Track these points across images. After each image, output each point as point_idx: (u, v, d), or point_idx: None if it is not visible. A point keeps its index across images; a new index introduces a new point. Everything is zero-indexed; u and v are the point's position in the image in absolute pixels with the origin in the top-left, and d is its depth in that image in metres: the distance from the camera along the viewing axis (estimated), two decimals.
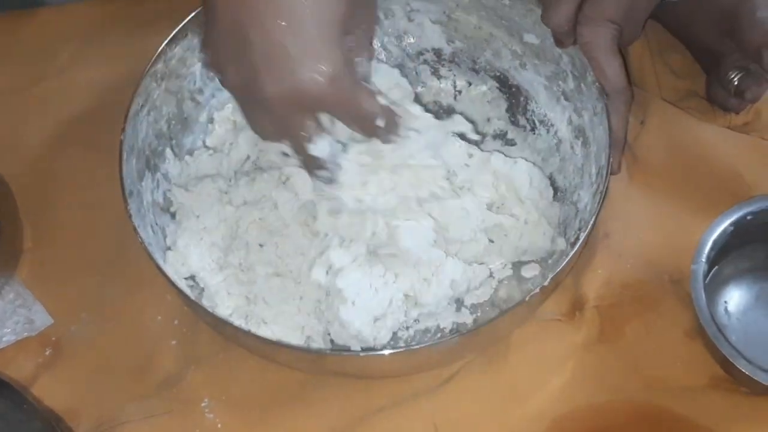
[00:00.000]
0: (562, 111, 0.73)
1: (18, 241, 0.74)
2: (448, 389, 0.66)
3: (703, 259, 0.64)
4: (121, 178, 0.65)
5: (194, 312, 0.64)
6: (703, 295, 0.63)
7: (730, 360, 0.61)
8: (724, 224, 0.65)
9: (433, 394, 0.66)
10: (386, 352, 0.60)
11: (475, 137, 0.70)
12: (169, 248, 0.69)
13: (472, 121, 0.71)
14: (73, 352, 0.70)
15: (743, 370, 0.61)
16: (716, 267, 0.68)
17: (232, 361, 0.68)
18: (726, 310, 0.68)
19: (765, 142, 0.73)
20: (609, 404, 0.65)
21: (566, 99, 0.72)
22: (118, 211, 0.65)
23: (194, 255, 0.69)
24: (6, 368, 0.69)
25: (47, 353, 0.70)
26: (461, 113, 0.74)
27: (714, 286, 0.68)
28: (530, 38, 0.72)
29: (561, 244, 0.68)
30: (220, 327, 0.63)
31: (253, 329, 0.66)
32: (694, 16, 0.75)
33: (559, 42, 0.69)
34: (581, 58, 0.68)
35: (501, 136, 0.76)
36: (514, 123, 0.76)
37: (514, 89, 0.76)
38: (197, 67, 0.72)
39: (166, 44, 0.69)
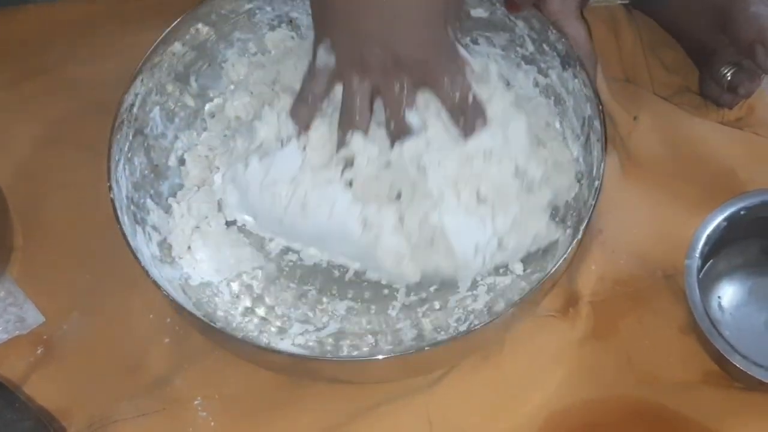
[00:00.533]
0: (525, 75, 0.73)
1: (8, 238, 0.73)
2: (442, 385, 0.66)
3: (697, 255, 0.64)
4: (124, 234, 0.64)
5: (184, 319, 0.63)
6: (697, 291, 0.63)
7: (725, 355, 0.61)
8: (718, 219, 0.65)
9: (427, 390, 0.66)
10: (380, 357, 0.60)
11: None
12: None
13: None
14: (65, 350, 0.70)
15: (737, 365, 0.61)
16: (710, 262, 0.68)
17: (225, 360, 0.67)
18: (720, 305, 0.68)
19: (758, 138, 0.74)
20: (603, 400, 0.65)
21: (527, 63, 0.72)
22: (108, 211, 0.64)
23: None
24: None
25: (39, 352, 0.70)
26: None
27: (707, 282, 0.68)
28: (478, 13, 0.72)
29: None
30: (208, 333, 0.63)
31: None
32: (686, 12, 0.75)
33: (515, 8, 0.70)
34: (539, 18, 0.69)
35: None
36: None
37: None
38: (156, 111, 0.71)
39: (126, 93, 0.68)
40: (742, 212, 0.65)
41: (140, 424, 0.66)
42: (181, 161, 0.73)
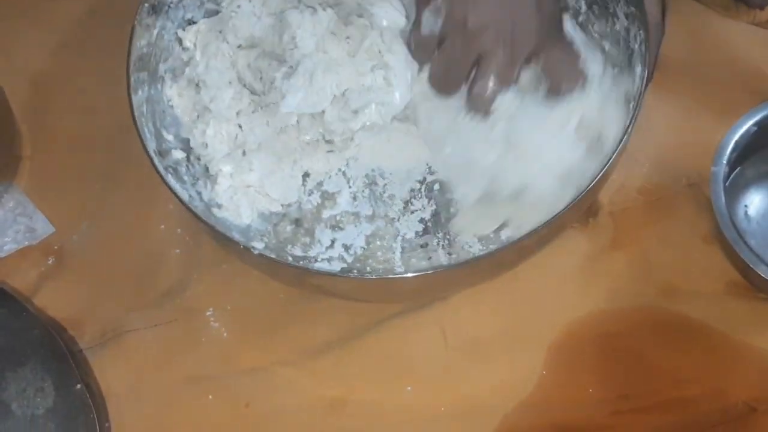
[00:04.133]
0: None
1: (15, 147, 0.72)
2: (456, 298, 0.65)
3: (724, 161, 0.61)
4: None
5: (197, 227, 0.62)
6: (723, 199, 0.60)
7: (750, 265, 0.60)
8: (747, 124, 0.63)
9: (441, 303, 0.65)
10: (409, 274, 0.58)
11: None
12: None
13: None
14: (76, 261, 0.69)
15: (763, 276, 0.59)
16: (737, 169, 0.66)
17: (236, 271, 0.67)
18: (746, 214, 0.66)
19: None
20: (622, 310, 0.64)
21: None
22: (117, 117, 0.63)
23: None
24: (8, 277, 0.68)
25: (49, 262, 0.69)
26: None
27: (734, 190, 0.66)
28: None
29: None
30: (223, 242, 0.61)
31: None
32: None
33: None
34: None
35: None
36: None
37: None
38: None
39: None
40: None
41: (153, 335, 0.66)
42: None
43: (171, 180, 0.62)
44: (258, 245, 0.63)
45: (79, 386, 0.58)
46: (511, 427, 0.62)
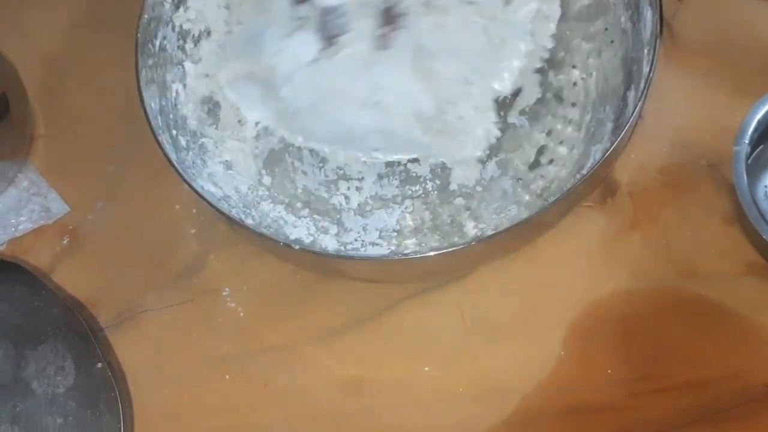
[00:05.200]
0: None
1: (29, 126, 0.72)
2: (473, 278, 0.65)
3: (746, 141, 0.61)
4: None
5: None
6: (745, 178, 0.60)
7: None
8: None
9: (458, 283, 0.65)
10: (432, 252, 0.58)
11: None
12: None
13: None
14: (91, 241, 0.69)
15: None
16: (759, 149, 0.65)
17: (253, 251, 0.66)
18: (766, 194, 0.65)
19: None
20: (640, 291, 0.64)
21: None
22: (131, 97, 0.63)
23: None
24: (24, 256, 0.68)
25: (65, 242, 0.69)
26: None
27: (756, 170, 0.65)
28: None
29: None
30: (236, 226, 0.61)
31: None
32: None
33: None
34: None
35: None
36: None
37: None
38: None
39: None
40: None
41: (169, 314, 0.66)
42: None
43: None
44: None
45: (100, 365, 0.58)
46: (530, 407, 0.62)
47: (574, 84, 0.67)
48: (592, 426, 0.61)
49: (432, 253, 0.57)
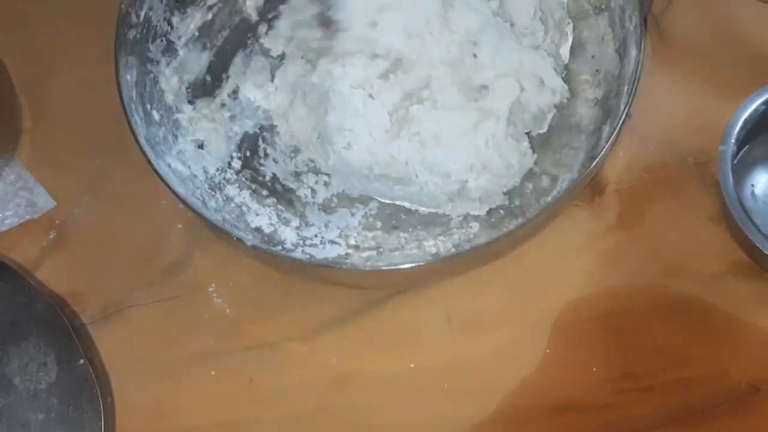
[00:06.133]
0: None
1: (16, 120, 0.72)
2: (459, 278, 0.65)
3: (732, 140, 0.61)
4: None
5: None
6: (731, 178, 0.60)
7: (757, 245, 0.59)
8: (756, 103, 0.62)
9: (446, 280, 0.65)
10: (408, 265, 0.57)
11: None
12: None
13: None
14: (78, 235, 0.69)
15: None
16: (745, 149, 0.65)
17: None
18: (753, 193, 0.65)
19: None
20: (626, 289, 0.64)
21: None
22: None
23: None
24: (10, 252, 0.68)
25: (51, 236, 0.69)
26: None
27: (741, 169, 0.65)
28: None
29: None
30: (219, 234, 0.61)
31: None
32: None
33: None
34: None
35: None
36: None
37: None
38: None
39: None
40: None
41: (155, 310, 0.66)
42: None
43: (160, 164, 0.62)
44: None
45: (82, 361, 0.58)
46: (515, 404, 0.62)
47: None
48: (576, 423, 0.61)
49: (407, 266, 0.57)
